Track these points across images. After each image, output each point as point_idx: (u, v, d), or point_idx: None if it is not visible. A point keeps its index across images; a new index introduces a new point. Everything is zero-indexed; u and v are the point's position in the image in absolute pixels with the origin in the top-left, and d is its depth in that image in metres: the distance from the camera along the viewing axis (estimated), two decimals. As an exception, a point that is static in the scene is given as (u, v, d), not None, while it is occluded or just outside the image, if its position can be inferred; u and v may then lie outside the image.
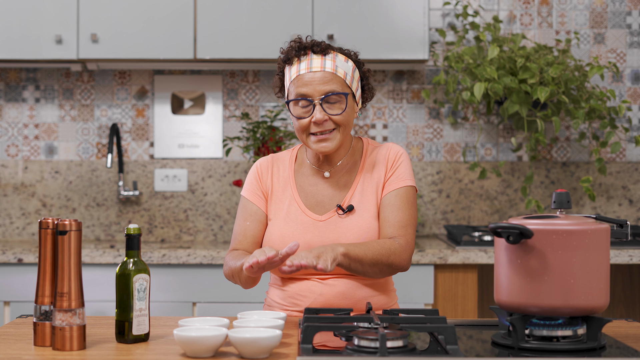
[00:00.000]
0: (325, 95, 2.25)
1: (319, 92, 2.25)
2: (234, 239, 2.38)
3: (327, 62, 2.28)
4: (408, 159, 2.37)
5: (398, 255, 2.24)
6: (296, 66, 2.29)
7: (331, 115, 2.26)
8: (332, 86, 2.26)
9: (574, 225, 1.83)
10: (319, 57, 2.29)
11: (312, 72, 2.27)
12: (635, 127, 3.97)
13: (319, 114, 2.25)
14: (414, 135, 3.96)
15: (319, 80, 2.25)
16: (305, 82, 2.26)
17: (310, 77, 2.26)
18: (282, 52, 2.35)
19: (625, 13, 3.96)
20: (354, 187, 2.34)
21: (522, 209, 3.93)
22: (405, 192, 2.32)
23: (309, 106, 2.26)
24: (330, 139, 2.27)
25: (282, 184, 2.38)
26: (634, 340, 1.97)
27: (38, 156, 3.95)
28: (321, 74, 2.26)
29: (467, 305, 3.36)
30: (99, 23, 3.61)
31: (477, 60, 3.74)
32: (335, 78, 2.27)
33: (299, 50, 2.31)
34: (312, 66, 2.27)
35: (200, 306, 3.38)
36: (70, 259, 1.84)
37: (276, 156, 2.44)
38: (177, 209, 3.93)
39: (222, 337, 1.80)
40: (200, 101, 3.96)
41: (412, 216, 2.31)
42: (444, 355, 1.75)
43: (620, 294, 3.87)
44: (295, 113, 2.28)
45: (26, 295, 3.36)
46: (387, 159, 2.35)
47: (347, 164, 2.38)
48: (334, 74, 2.27)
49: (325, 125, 2.26)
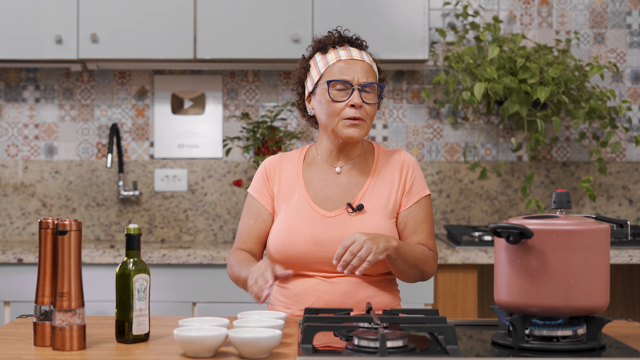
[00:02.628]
0: (365, 83, 2.32)
1: (358, 79, 2.32)
2: (239, 238, 2.41)
3: (364, 55, 2.37)
4: (419, 167, 2.44)
5: (430, 265, 2.35)
6: (334, 53, 2.35)
7: (366, 104, 2.32)
8: (370, 77, 2.34)
9: (574, 225, 1.83)
10: (356, 50, 2.37)
11: (354, 60, 2.34)
12: (635, 127, 3.97)
13: (357, 98, 2.31)
14: (414, 135, 3.96)
15: (360, 69, 2.33)
16: (347, 67, 2.33)
17: (352, 64, 2.33)
18: (315, 44, 2.40)
19: (625, 13, 3.96)
20: (366, 188, 2.36)
21: (522, 209, 3.93)
22: (425, 202, 2.39)
23: (346, 90, 2.32)
24: (360, 125, 2.33)
25: (290, 182, 2.40)
26: (634, 340, 1.97)
27: (38, 156, 3.95)
28: (362, 64, 2.34)
29: (467, 305, 3.36)
30: (99, 23, 3.61)
31: (477, 60, 3.74)
32: (372, 71, 2.36)
33: (339, 40, 2.37)
34: (353, 55, 2.35)
35: (200, 306, 3.38)
36: (70, 259, 1.84)
37: (285, 155, 2.47)
38: (177, 209, 3.93)
39: (222, 337, 1.80)
40: (200, 101, 3.96)
41: (433, 225, 2.41)
42: (444, 355, 1.75)
43: (620, 294, 3.87)
44: (332, 95, 2.32)
45: (26, 295, 3.36)
46: (401, 167, 2.40)
47: (359, 163, 2.41)
48: (371, 66, 2.36)
49: (360, 112, 2.31)
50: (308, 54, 2.43)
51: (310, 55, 2.41)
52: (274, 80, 3.96)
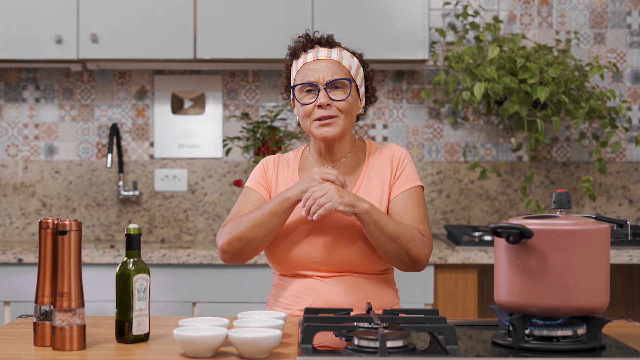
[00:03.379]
0: (330, 81, 2.31)
1: (324, 78, 2.32)
2: (231, 217, 2.34)
3: (332, 53, 2.36)
4: (411, 160, 2.42)
5: (417, 246, 2.25)
6: (303, 57, 2.37)
7: (335, 101, 2.31)
8: (336, 74, 2.33)
9: (574, 225, 1.83)
10: (325, 49, 2.37)
11: (319, 60, 2.34)
12: (635, 127, 3.97)
13: (323, 97, 2.30)
14: (414, 135, 3.96)
15: (325, 68, 2.33)
16: (311, 69, 2.33)
17: (316, 65, 2.33)
18: (288, 51, 2.42)
19: (625, 13, 3.96)
20: (358, 186, 2.37)
21: (522, 209, 3.93)
22: (415, 192, 2.37)
23: (313, 91, 2.32)
24: (332, 124, 2.32)
25: (286, 182, 2.40)
26: (634, 340, 1.97)
27: (38, 156, 3.95)
28: (327, 62, 2.34)
29: (467, 305, 3.36)
30: (99, 23, 3.61)
31: (477, 60, 3.74)
32: (340, 67, 2.34)
33: (306, 43, 2.38)
34: (319, 55, 2.35)
35: (200, 306, 3.38)
36: (70, 259, 1.84)
37: (282, 156, 2.49)
38: (177, 209, 3.93)
39: (222, 337, 1.80)
40: (200, 101, 3.96)
41: (426, 215, 2.36)
42: (444, 355, 1.75)
43: (620, 294, 3.87)
44: (300, 99, 2.34)
45: (26, 295, 3.36)
46: (391, 160, 2.39)
47: (350, 162, 2.41)
48: (339, 63, 2.35)
49: (329, 110, 2.31)
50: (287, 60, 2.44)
51: (288, 62, 2.43)
52: (274, 80, 3.96)
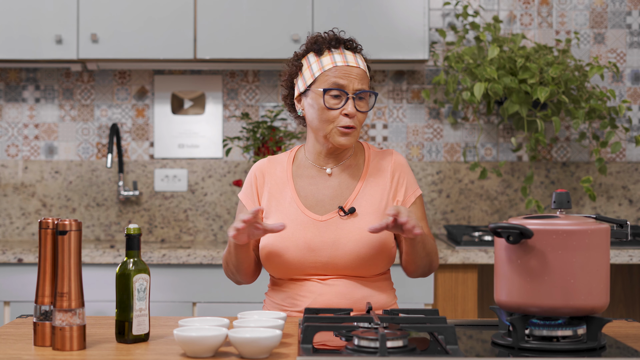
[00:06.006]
0: (360, 91, 2.28)
1: (353, 86, 2.28)
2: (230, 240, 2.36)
3: (359, 60, 2.32)
4: (409, 167, 2.42)
5: (436, 258, 2.38)
6: (329, 57, 2.30)
7: (359, 112, 2.29)
8: (364, 84, 2.30)
9: (574, 225, 1.83)
10: (351, 53, 2.32)
11: (350, 67, 2.29)
12: (635, 127, 3.97)
13: (351, 107, 2.27)
14: (414, 135, 3.96)
15: (356, 76, 2.29)
16: (343, 74, 2.28)
17: (348, 71, 2.29)
18: (309, 43, 2.34)
19: (625, 13, 3.96)
20: (357, 191, 2.34)
21: (522, 209, 3.93)
22: (420, 202, 2.39)
23: (341, 97, 2.28)
24: (351, 134, 2.30)
25: (280, 186, 2.37)
26: (634, 340, 1.97)
27: (38, 156, 3.95)
28: (357, 70, 2.30)
29: (467, 305, 3.36)
30: (99, 23, 3.61)
31: (477, 60, 3.74)
32: (366, 77, 2.32)
33: (332, 42, 2.32)
34: (349, 61, 2.30)
35: (200, 306, 3.38)
36: (70, 259, 1.84)
37: (273, 158, 2.43)
38: (177, 209, 3.93)
39: (222, 337, 1.80)
40: (200, 101, 3.96)
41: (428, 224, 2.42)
42: (444, 355, 1.75)
43: (620, 294, 3.87)
44: (327, 103, 2.28)
45: (26, 295, 3.36)
46: (392, 168, 2.37)
47: (350, 165, 2.38)
48: (365, 72, 2.32)
49: (353, 121, 2.29)
50: (301, 51, 2.36)
51: (304, 53, 2.35)
52: (274, 80, 3.96)
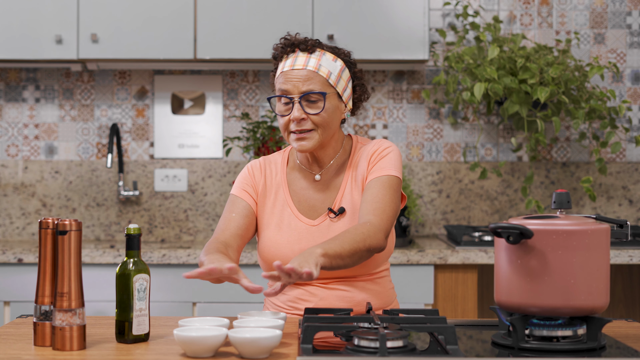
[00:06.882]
0: (303, 94, 2.23)
1: (298, 90, 2.23)
2: (217, 230, 2.30)
3: (311, 60, 2.25)
4: (397, 154, 2.30)
5: (373, 237, 2.14)
6: (282, 63, 2.28)
7: (309, 115, 2.23)
8: (311, 85, 2.23)
9: (574, 225, 1.83)
10: (304, 55, 2.26)
11: (295, 70, 2.24)
12: (635, 127, 3.97)
13: (297, 112, 2.22)
14: (414, 135, 3.96)
15: (300, 78, 2.23)
16: (287, 79, 2.24)
17: (291, 75, 2.24)
18: (274, 49, 2.33)
19: (625, 13, 3.96)
20: (343, 188, 2.31)
21: (522, 209, 3.93)
22: (388, 180, 2.25)
23: (289, 104, 2.24)
24: (307, 138, 2.25)
25: (274, 188, 2.35)
26: (634, 340, 1.97)
27: (38, 156, 3.95)
28: (302, 72, 2.23)
29: (467, 305, 3.36)
30: (99, 23, 3.61)
31: (477, 61, 3.74)
32: (317, 77, 2.24)
33: (286, 47, 2.29)
34: (296, 64, 2.25)
35: (200, 306, 3.38)
36: (70, 259, 1.84)
37: (268, 158, 2.42)
38: (177, 209, 3.93)
39: (222, 337, 1.80)
40: (200, 101, 3.96)
41: (392, 200, 2.23)
42: (444, 355, 1.75)
43: (620, 294, 3.87)
44: (277, 110, 2.27)
45: (26, 295, 3.36)
46: (371, 153, 2.30)
47: (336, 165, 2.35)
48: (315, 72, 2.24)
49: (303, 124, 2.24)
50: None
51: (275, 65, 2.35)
52: (274, 80, 3.96)
